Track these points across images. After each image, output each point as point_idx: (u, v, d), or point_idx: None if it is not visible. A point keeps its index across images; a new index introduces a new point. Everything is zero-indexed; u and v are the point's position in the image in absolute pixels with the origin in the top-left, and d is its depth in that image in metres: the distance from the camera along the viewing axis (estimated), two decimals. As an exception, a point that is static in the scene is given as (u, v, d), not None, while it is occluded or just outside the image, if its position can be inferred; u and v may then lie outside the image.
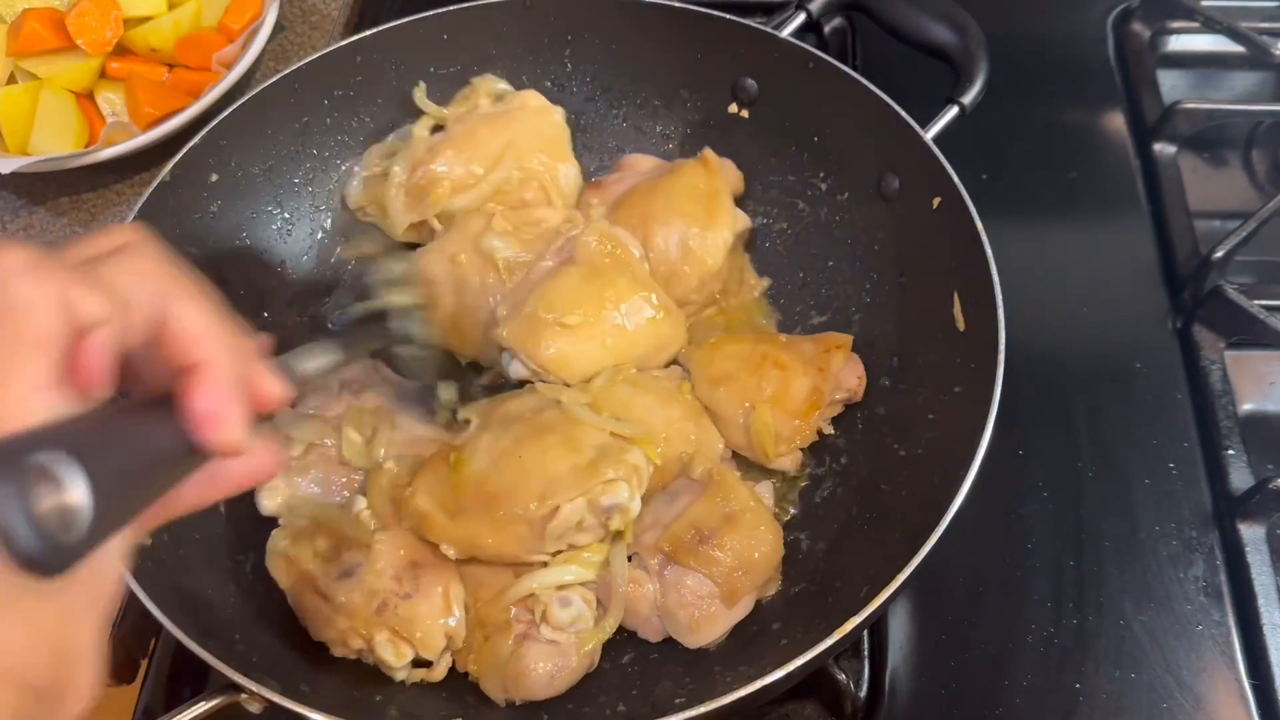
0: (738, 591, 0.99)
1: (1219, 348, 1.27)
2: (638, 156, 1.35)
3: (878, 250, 1.24)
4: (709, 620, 0.99)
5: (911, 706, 1.05)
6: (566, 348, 1.11)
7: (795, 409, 1.12)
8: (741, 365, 1.14)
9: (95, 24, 1.43)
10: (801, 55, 1.25)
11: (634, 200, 1.25)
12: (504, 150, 1.26)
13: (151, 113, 1.42)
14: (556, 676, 0.98)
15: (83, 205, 1.45)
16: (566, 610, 0.99)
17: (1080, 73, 1.56)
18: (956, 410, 1.05)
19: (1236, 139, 1.51)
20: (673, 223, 1.22)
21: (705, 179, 1.24)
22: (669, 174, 1.26)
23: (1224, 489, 1.17)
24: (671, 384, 1.15)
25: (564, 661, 0.98)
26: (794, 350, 1.16)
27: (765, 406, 1.11)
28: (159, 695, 1.09)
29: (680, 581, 0.99)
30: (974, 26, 1.23)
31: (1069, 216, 1.41)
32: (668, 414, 1.10)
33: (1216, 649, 1.08)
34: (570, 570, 1.00)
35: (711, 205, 1.22)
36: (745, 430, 1.12)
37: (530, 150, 1.27)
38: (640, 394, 1.11)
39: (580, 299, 1.12)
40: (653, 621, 1.02)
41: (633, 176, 1.30)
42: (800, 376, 1.13)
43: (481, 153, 1.26)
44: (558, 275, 1.14)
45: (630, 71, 1.37)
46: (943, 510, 0.92)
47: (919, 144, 1.15)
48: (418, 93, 1.33)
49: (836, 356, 1.14)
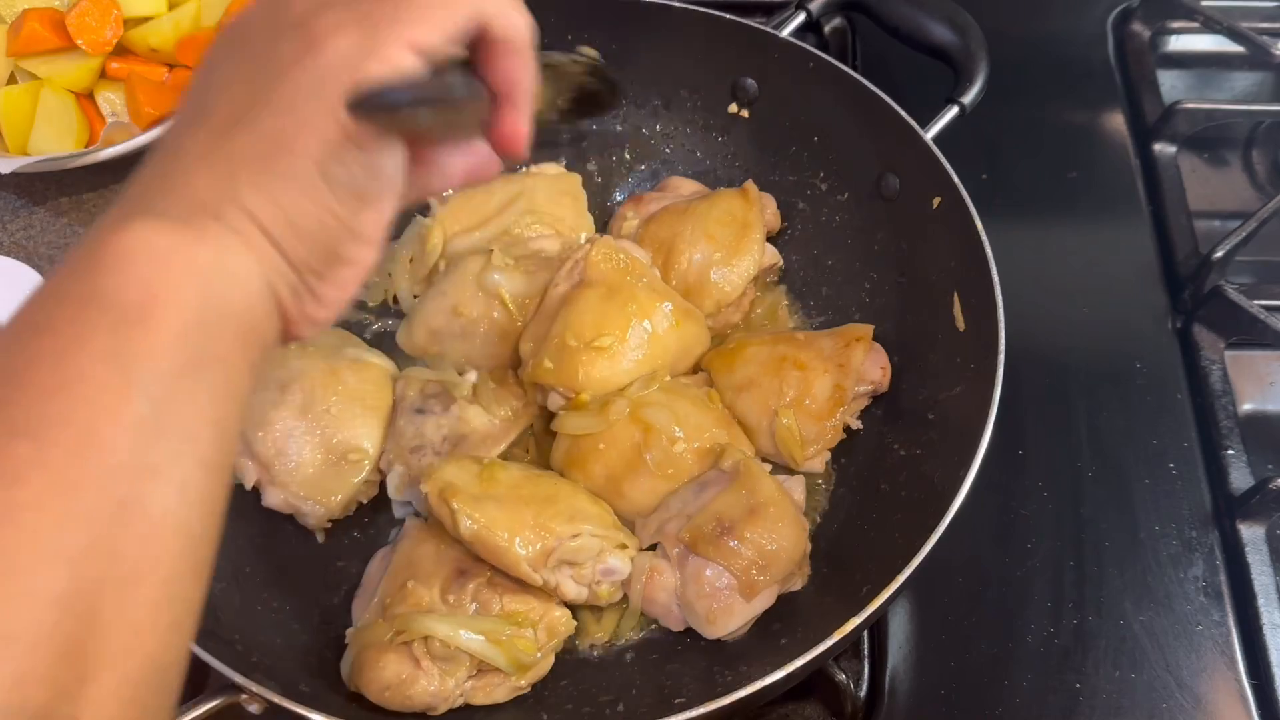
0: (756, 585, 0.98)
1: (1219, 348, 1.27)
2: (683, 180, 1.35)
3: (878, 250, 1.24)
4: (726, 612, 0.99)
5: (911, 706, 1.05)
6: (604, 371, 1.11)
7: (819, 410, 1.11)
8: (762, 370, 1.14)
9: (95, 24, 1.43)
10: (801, 55, 1.25)
11: (666, 219, 1.25)
12: (515, 198, 1.25)
13: (151, 113, 1.42)
14: (389, 690, 0.95)
15: (83, 205, 1.45)
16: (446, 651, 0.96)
17: (1080, 73, 1.56)
18: (956, 410, 1.05)
19: (1236, 139, 1.51)
20: (699, 245, 1.22)
21: (741, 208, 1.24)
22: (705, 199, 1.26)
23: (1224, 489, 1.17)
24: (701, 392, 1.15)
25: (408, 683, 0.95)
26: (813, 348, 1.15)
27: (788, 411, 1.11)
28: (159, 695, 1.09)
29: (699, 573, 0.99)
30: (974, 26, 1.23)
31: (1069, 216, 1.41)
32: (700, 421, 1.10)
33: (1216, 649, 1.08)
34: (476, 640, 0.97)
35: (741, 235, 1.22)
36: (771, 436, 1.12)
37: (544, 196, 1.26)
38: (675, 400, 1.11)
39: (605, 320, 1.12)
40: (673, 611, 1.02)
41: (672, 197, 1.30)
42: (821, 375, 1.12)
43: (489, 202, 1.25)
44: (576, 300, 1.13)
45: (630, 72, 1.36)
46: (943, 510, 0.92)
47: (919, 144, 1.15)
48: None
49: (857, 350, 1.13)
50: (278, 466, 1.09)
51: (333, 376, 1.13)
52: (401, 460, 1.10)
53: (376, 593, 1.03)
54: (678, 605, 1.02)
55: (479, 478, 1.02)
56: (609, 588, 1.03)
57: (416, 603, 0.99)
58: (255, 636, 1.01)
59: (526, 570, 0.98)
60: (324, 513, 1.10)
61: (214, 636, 0.95)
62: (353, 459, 1.11)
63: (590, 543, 1.00)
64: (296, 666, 1.01)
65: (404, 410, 1.13)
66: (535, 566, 0.99)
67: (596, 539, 1.00)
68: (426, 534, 1.05)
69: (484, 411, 1.13)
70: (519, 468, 1.07)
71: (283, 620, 1.05)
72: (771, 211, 1.30)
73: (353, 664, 0.99)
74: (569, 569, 1.01)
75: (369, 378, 1.15)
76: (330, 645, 1.05)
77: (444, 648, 0.95)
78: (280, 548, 1.12)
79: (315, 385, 1.12)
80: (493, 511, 0.99)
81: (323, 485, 1.10)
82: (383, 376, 1.16)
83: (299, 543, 1.13)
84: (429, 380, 1.14)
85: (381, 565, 1.07)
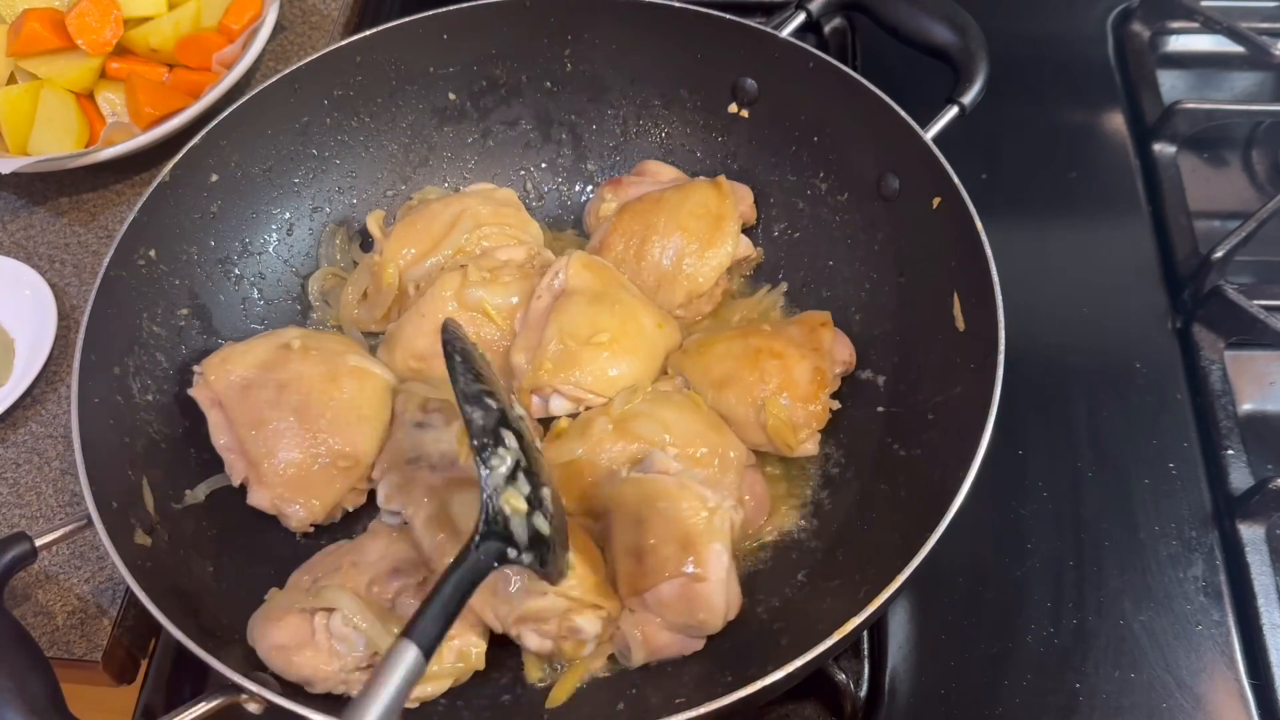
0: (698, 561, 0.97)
1: (1219, 348, 1.27)
2: (660, 165, 1.35)
3: (878, 250, 1.24)
4: (704, 604, 0.98)
5: (911, 706, 1.05)
6: (606, 365, 1.12)
7: (805, 394, 1.13)
8: (739, 364, 1.15)
9: (95, 24, 1.43)
10: (801, 55, 1.25)
11: (640, 208, 1.26)
12: (458, 217, 1.25)
13: (151, 113, 1.42)
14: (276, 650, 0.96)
15: (83, 205, 1.45)
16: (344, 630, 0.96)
17: (1080, 73, 1.56)
18: (956, 410, 1.05)
19: (1236, 139, 1.51)
20: (672, 237, 1.23)
21: (715, 200, 1.24)
22: (679, 190, 1.27)
23: (1224, 489, 1.17)
24: (683, 396, 1.15)
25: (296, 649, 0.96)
26: (783, 337, 1.16)
27: (775, 400, 1.12)
28: (159, 695, 1.09)
29: (659, 600, 0.98)
30: (974, 27, 1.23)
31: (1069, 216, 1.41)
32: (690, 427, 1.10)
33: (1216, 649, 1.08)
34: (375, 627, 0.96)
35: (715, 227, 1.23)
36: (761, 427, 1.13)
37: (487, 210, 1.26)
38: (660, 408, 1.11)
39: (597, 319, 1.13)
40: (675, 642, 1.01)
41: (650, 183, 1.31)
42: (799, 361, 1.14)
43: (433, 226, 1.25)
44: (564, 306, 1.14)
45: (630, 71, 1.37)
46: (943, 510, 0.92)
47: (919, 144, 1.15)
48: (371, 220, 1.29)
49: (825, 334, 1.16)
50: (266, 466, 1.09)
51: (332, 383, 1.12)
52: (396, 470, 1.09)
53: (317, 568, 1.04)
54: (679, 636, 1.01)
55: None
56: (574, 644, 1.01)
57: (343, 581, 0.99)
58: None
59: (490, 617, 0.99)
60: (306, 516, 1.10)
61: (214, 636, 0.95)
62: (342, 465, 1.10)
63: (556, 603, 0.98)
64: (296, 666, 1.01)
65: (403, 424, 1.12)
66: (498, 615, 0.98)
67: (564, 600, 0.98)
68: (384, 535, 1.05)
69: None
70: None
71: (283, 620, 1.05)
72: (747, 204, 1.30)
73: (257, 616, 0.99)
74: (532, 623, 0.99)
75: (368, 387, 1.14)
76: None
77: (343, 627, 0.95)
78: (281, 549, 1.12)
79: (313, 389, 1.11)
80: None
81: (309, 488, 1.09)
82: (382, 388, 1.16)
83: (299, 544, 1.13)
84: (430, 398, 1.14)
85: (334, 550, 1.07)
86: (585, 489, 1.08)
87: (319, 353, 1.15)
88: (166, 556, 1.01)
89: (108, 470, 1.01)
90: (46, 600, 1.13)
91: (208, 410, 1.13)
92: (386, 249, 1.24)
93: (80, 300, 1.35)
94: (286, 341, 1.15)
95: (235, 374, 1.12)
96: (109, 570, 1.14)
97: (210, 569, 1.05)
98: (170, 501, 1.08)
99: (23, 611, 1.12)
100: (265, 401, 1.11)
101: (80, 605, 1.13)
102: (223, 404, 1.12)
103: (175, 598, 0.96)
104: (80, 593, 1.13)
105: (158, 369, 1.15)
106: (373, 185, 1.37)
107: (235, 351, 1.15)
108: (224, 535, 1.10)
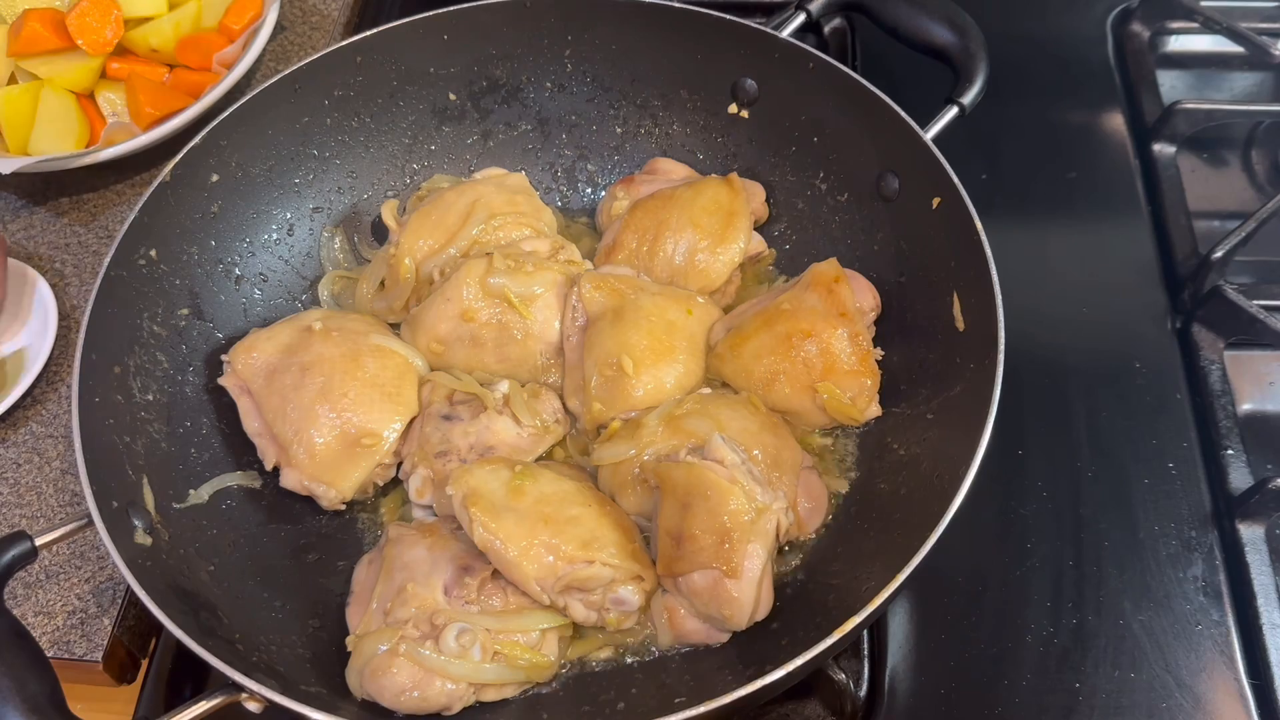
0: (733, 558, 0.97)
1: (1218, 348, 1.27)
2: (672, 163, 1.35)
3: (877, 250, 1.24)
4: (731, 600, 0.98)
5: (911, 706, 1.05)
6: (650, 379, 1.13)
7: (850, 367, 1.11)
8: (776, 356, 1.13)
9: (96, 24, 1.43)
10: (801, 55, 1.25)
11: (653, 205, 1.26)
12: (472, 207, 1.25)
13: (152, 113, 1.42)
14: (405, 695, 0.96)
15: (83, 205, 1.45)
16: (458, 643, 0.97)
17: (1080, 73, 1.56)
18: (956, 410, 1.05)
19: (1236, 139, 1.51)
20: (684, 233, 1.23)
21: (728, 197, 1.25)
22: (691, 186, 1.27)
23: (1223, 489, 1.17)
24: (737, 398, 1.14)
25: (423, 686, 0.96)
26: (805, 309, 1.14)
27: (827, 385, 1.11)
28: (159, 695, 1.09)
29: (690, 586, 0.99)
30: (974, 27, 1.23)
31: (1069, 216, 1.41)
32: (745, 425, 1.10)
33: (1216, 649, 1.08)
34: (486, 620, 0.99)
35: (727, 224, 1.23)
36: (821, 410, 1.13)
37: (500, 199, 1.26)
38: (714, 407, 1.11)
39: (625, 339, 1.13)
40: (702, 630, 1.02)
41: (662, 181, 1.31)
42: (832, 331, 1.12)
43: (448, 217, 1.25)
44: (591, 340, 1.15)
45: (630, 71, 1.37)
46: (943, 510, 0.92)
47: (919, 144, 1.15)
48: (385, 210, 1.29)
49: (842, 290, 1.14)
50: (294, 448, 1.10)
51: (354, 362, 1.13)
52: (426, 464, 1.10)
53: (374, 599, 1.02)
54: (706, 625, 1.01)
55: (508, 486, 1.02)
56: (618, 615, 1.02)
57: (420, 604, 0.99)
58: (255, 636, 1.01)
59: (534, 588, 0.99)
60: (336, 495, 1.11)
61: (214, 636, 0.95)
62: (366, 443, 1.11)
63: (601, 572, 0.99)
64: (296, 666, 1.01)
65: (430, 416, 1.13)
66: (544, 586, 0.99)
67: (609, 568, 1.00)
68: (417, 538, 1.05)
69: (514, 424, 1.13)
70: (553, 480, 1.06)
71: (283, 620, 1.05)
72: (759, 201, 1.30)
73: (362, 673, 0.98)
74: (578, 593, 1.01)
75: (390, 364, 1.15)
76: (330, 645, 1.05)
77: (454, 643, 0.96)
78: (281, 549, 1.12)
79: (335, 370, 1.12)
80: (510, 526, 0.99)
81: (337, 468, 1.11)
82: (404, 365, 1.16)
83: (299, 544, 1.13)
84: (457, 389, 1.14)
85: (371, 572, 1.07)
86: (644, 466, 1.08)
87: (340, 333, 1.16)
88: (166, 556, 1.01)
89: (108, 470, 1.02)
90: (46, 600, 1.13)
91: (237, 398, 1.15)
92: (402, 240, 1.24)
93: (80, 300, 1.35)
94: (308, 324, 1.17)
95: (260, 360, 1.14)
96: (109, 570, 1.14)
97: (210, 569, 1.05)
98: (171, 501, 1.08)
99: (23, 611, 1.12)
100: (289, 384, 1.12)
101: (80, 605, 1.13)
102: (250, 390, 1.14)
103: (175, 597, 0.96)
104: (80, 592, 1.13)
105: (158, 369, 1.15)
106: (373, 185, 1.37)
107: (259, 338, 1.16)
108: (224, 535, 1.10)
